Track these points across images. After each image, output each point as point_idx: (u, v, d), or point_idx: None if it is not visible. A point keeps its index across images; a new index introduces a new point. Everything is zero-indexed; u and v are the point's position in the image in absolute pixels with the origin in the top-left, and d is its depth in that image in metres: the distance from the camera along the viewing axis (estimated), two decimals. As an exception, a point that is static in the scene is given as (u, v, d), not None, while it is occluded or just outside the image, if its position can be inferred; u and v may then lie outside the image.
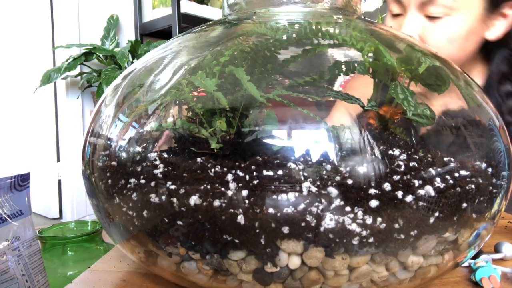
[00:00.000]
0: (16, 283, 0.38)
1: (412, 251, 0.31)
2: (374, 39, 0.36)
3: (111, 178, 0.35)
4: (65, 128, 2.21)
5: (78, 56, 2.01)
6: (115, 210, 0.35)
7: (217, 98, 0.32)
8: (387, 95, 0.34)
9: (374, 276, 0.31)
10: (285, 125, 0.31)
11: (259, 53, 0.35)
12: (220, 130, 0.32)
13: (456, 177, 0.31)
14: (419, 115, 0.33)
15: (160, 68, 0.39)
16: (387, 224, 0.29)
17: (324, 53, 0.37)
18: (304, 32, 0.37)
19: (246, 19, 0.41)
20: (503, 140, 0.36)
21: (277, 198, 0.29)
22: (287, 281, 0.31)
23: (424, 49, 0.39)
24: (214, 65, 0.34)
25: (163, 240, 0.33)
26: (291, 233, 0.29)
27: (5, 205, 0.39)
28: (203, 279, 0.33)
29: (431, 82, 0.36)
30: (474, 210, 0.33)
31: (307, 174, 0.29)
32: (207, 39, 0.41)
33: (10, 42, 2.40)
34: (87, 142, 0.40)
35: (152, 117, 0.36)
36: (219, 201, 0.29)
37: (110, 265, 0.45)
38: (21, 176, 0.41)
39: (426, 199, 0.30)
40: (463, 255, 0.35)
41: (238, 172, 0.30)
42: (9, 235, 0.38)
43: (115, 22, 2.25)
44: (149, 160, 0.33)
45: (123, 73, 0.42)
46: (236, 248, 0.30)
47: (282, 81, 0.36)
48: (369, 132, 0.32)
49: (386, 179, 0.29)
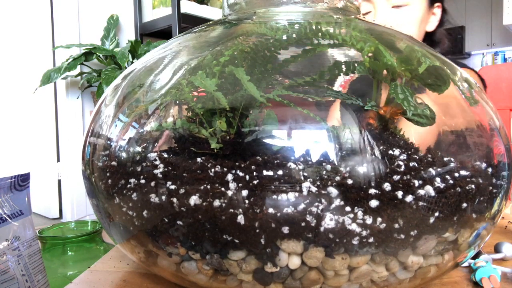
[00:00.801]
0: (16, 283, 0.38)
1: (412, 251, 0.31)
2: (374, 39, 0.36)
3: (111, 178, 0.35)
4: (65, 128, 2.21)
5: (78, 56, 2.01)
6: (115, 210, 0.35)
7: (217, 98, 0.32)
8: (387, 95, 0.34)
9: (374, 276, 0.31)
10: (285, 125, 0.31)
11: (259, 53, 0.35)
12: (220, 130, 0.32)
13: (456, 177, 0.31)
14: (419, 115, 0.33)
15: (160, 68, 0.39)
16: (387, 224, 0.29)
17: (324, 53, 0.37)
18: (304, 32, 0.37)
19: (246, 19, 0.41)
20: (503, 140, 0.36)
21: (277, 198, 0.29)
22: (287, 281, 0.31)
23: (424, 49, 0.39)
24: (214, 65, 0.34)
25: (163, 240, 0.33)
26: (291, 233, 0.29)
27: (5, 205, 0.39)
28: (203, 279, 0.33)
29: (431, 82, 0.36)
30: (474, 210, 0.33)
31: (307, 174, 0.29)
32: (207, 39, 0.41)
33: (10, 42, 2.40)
34: (87, 142, 0.40)
35: (152, 117, 0.36)
36: (219, 201, 0.29)
37: (110, 265, 0.45)
38: (21, 176, 0.41)
39: (426, 199, 0.30)
40: (463, 255, 0.35)
41: (238, 172, 0.30)
42: (9, 235, 0.38)
43: (115, 22, 2.25)
44: (149, 160, 0.33)
45: (123, 73, 0.42)
46: (236, 248, 0.30)
47: (282, 81, 0.36)
48: (369, 132, 0.32)
49: (386, 179, 0.29)
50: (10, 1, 2.35)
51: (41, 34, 2.19)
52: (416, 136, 0.33)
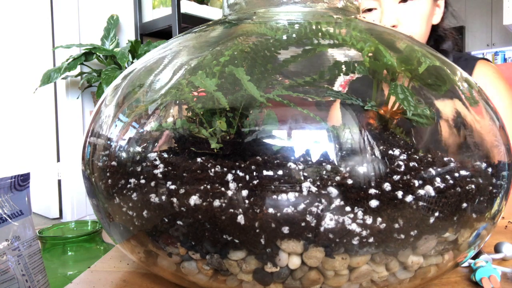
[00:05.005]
0: (16, 283, 0.38)
1: (412, 251, 0.31)
2: (374, 39, 0.36)
3: (111, 178, 0.35)
4: (65, 128, 2.21)
5: (78, 56, 2.01)
6: (115, 210, 0.35)
7: (217, 98, 0.32)
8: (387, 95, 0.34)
9: (374, 276, 0.31)
10: (285, 125, 0.31)
11: (259, 53, 0.35)
12: (220, 130, 0.32)
13: (456, 177, 0.31)
14: (419, 115, 0.33)
15: (160, 68, 0.39)
16: (387, 224, 0.29)
17: (324, 53, 0.37)
18: (304, 32, 0.37)
19: (246, 19, 0.41)
20: (503, 140, 0.36)
21: (277, 198, 0.29)
22: (287, 281, 0.31)
23: (424, 49, 0.39)
24: (214, 65, 0.34)
25: (163, 240, 0.33)
26: (291, 233, 0.29)
27: (5, 205, 0.39)
28: (203, 279, 0.33)
29: (431, 82, 0.36)
30: (474, 210, 0.33)
31: (307, 174, 0.29)
32: (207, 39, 0.41)
33: (10, 42, 2.40)
34: (87, 142, 0.40)
35: (152, 117, 0.36)
36: (219, 201, 0.29)
37: (110, 265, 0.45)
38: (21, 176, 0.41)
39: (426, 199, 0.30)
40: (463, 255, 0.35)
41: (238, 172, 0.30)
42: (9, 235, 0.38)
43: (115, 22, 2.25)
44: (149, 160, 0.33)
45: (123, 73, 0.42)
46: (236, 248, 0.30)
47: (282, 81, 0.36)
48: (369, 132, 0.32)
49: (386, 179, 0.29)
50: (10, 1, 2.35)
51: (41, 34, 2.20)
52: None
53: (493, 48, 4.63)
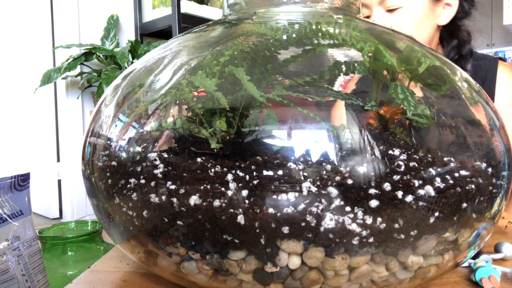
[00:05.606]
0: (16, 283, 0.38)
1: (412, 251, 0.31)
2: (374, 39, 0.36)
3: (111, 178, 0.35)
4: (65, 128, 2.21)
5: (78, 56, 2.01)
6: (115, 210, 0.35)
7: (217, 98, 0.32)
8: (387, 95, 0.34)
9: (374, 276, 0.31)
10: (285, 125, 0.31)
11: (259, 53, 0.35)
12: (220, 130, 0.32)
13: (456, 177, 0.31)
14: (419, 115, 0.33)
15: (160, 68, 0.39)
16: (387, 224, 0.29)
17: (324, 53, 0.37)
18: (304, 32, 0.37)
19: (246, 19, 0.41)
20: (503, 140, 0.36)
21: (277, 198, 0.29)
22: (287, 281, 0.31)
23: (424, 49, 0.39)
24: (214, 65, 0.34)
25: (163, 240, 0.33)
26: (291, 233, 0.29)
27: (5, 205, 0.39)
28: (203, 279, 0.33)
29: (431, 82, 0.36)
30: (474, 210, 0.33)
31: (307, 174, 0.29)
32: (207, 39, 0.41)
33: (10, 42, 2.40)
34: (87, 142, 0.40)
35: (152, 117, 0.36)
36: (219, 201, 0.29)
37: (110, 265, 0.45)
38: (21, 176, 0.41)
39: (426, 199, 0.30)
40: (463, 255, 0.35)
41: (238, 172, 0.30)
42: (9, 235, 0.38)
43: (115, 22, 2.25)
44: (149, 160, 0.33)
45: (123, 73, 0.42)
46: (236, 248, 0.30)
47: (282, 81, 0.36)
48: (369, 132, 0.32)
49: (386, 179, 0.29)
50: (10, 1, 2.35)
51: (41, 34, 2.19)
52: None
53: (493, 48, 4.63)
